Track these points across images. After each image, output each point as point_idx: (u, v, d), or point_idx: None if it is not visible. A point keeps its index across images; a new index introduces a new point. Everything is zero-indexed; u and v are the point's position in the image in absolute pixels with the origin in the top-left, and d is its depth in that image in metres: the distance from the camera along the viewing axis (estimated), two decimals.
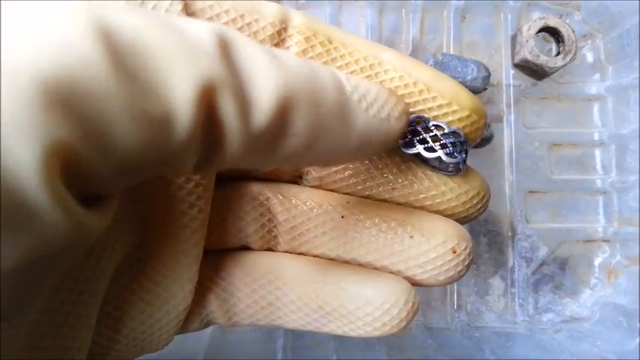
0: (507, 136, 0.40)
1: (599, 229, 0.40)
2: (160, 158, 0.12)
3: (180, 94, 0.12)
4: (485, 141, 0.40)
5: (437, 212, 0.21)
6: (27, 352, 0.15)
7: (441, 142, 0.20)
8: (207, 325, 0.22)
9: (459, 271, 0.20)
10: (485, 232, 0.40)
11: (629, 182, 0.39)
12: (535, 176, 0.41)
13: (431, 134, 0.20)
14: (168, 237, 0.19)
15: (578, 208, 0.41)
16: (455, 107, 0.20)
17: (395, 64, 0.20)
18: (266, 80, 0.14)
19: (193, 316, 0.21)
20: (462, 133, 0.20)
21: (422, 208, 0.21)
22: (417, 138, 0.20)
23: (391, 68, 0.20)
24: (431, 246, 0.20)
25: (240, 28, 0.18)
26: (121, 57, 0.11)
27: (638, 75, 0.38)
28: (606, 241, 0.40)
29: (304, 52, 0.19)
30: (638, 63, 0.38)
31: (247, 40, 0.14)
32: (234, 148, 0.14)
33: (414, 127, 0.20)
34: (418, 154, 0.20)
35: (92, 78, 0.11)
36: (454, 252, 0.20)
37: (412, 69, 0.20)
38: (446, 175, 0.21)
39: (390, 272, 0.21)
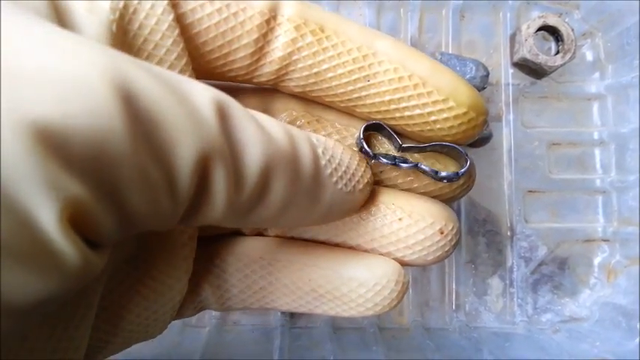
0: (506, 136, 0.40)
1: (599, 229, 0.40)
2: (154, 217, 0.13)
3: (182, 164, 0.13)
4: (484, 140, 0.40)
5: (424, 194, 0.22)
6: (23, 354, 0.15)
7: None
8: (200, 310, 0.23)
9: (447, 251, 0.21)
10: (483, 232, 0.40)
11: (628, 182, 0.39)
12: (534, 176, 0.40)
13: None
14: (164, 231, 0.19)
15: (577, 207, 0.41)
16: (451, 104, 0.19)
17: (390, 54, 0.19)
18: (255, 155, 0.14)
19: (187, 303, 0.22)
20: (462, 149, 0.21)
21: (410, 190, 0.22)
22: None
23: (386, 60, 0.19)
24: (419, 228, 0.20)
25: (225, 19, 0.18)
26: (140, 124, 0.12)
27: (637, 74, 0.38)
28: (606, 240, 0.40)
29: (293, 41, 0.19)
30: (637, 62, 0.38)
31: (243, 112, 0.14)
32: (216, 211, 0.14)
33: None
34: (417, 165, 0.21)
35: (114, 144, 0.11)
36: (442, 233, 0.20)
37: (409, 60, 0.19)
38: (442, 182, 0.22)
39: (380, 254, 0.21)
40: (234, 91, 0.21)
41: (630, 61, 0.39)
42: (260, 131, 0.15)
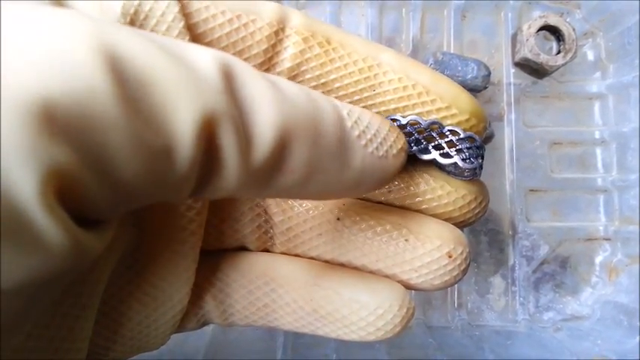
0: (508, 135, 0.40)
1: (600, 228, 0.40)
2: (158, 188, 0.12)
3: (182, 128, 0.12)
4: (486, 140, 0.40)
5: (434, 216, 0.21)
6: (25, 354, 0.15)
7: (457, 147, 0.19)
8: (203, 324, 0.22)
9: (455, 276, 0.20)
10: (486, 231, 0.40)
11: (629, 180, 0.39)
12: (536, 175, 0.41)
13: (446, 139, 0.19)
14: (166, 239, 0.19)
15: (578, 206, 0.41)
16: (454, 111, 0.19)
17: (394, 65, 0.19)
18: (267, 114, 0.14)
19: (190, 316, 0.21)
20: (477, 138, 0.20)
21: (418, 211, 0.21)
22: (432, 144, 0.20)
23: (390, 70, 0.19)
24: (426, 250, 0.20)
25: (236, 29, 0.18)
26: (127, 87, 0.11)
27: (638, 73, 0.38)
28: (607, 239, 0.40)
29: (302, 52, 0.19)
30: (638, 61, 0.38)
31: (250, 71, 0.14)
32: (230, 180, 0.14)
33: (429, 133, 0.20)
34: (434, 161, 0.20)
35: (97, 107, 0.11)
36: (450, 256, 0.20)
37: (411, 70, 0.19)
38: (460, 179, 0.20)
39: (385, 275, 0.20)
40: None
41: (631, 61, 0.39)
42: (272, 89, 0.14)
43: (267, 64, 0.19)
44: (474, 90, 0.39)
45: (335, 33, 0.20)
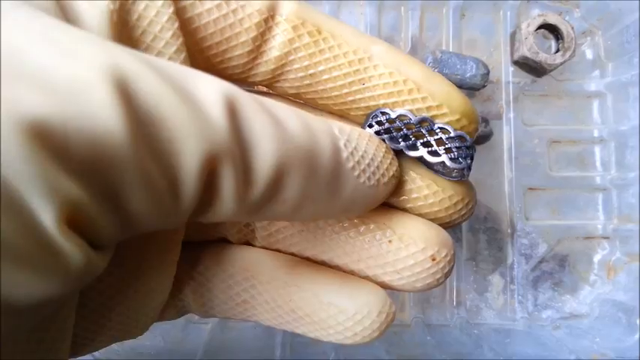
0: (507, 134, 0.40)
1: (599, 226, 0.40)
2: (160, 219, 0.13)
3: (187, 167, 0.12)
4: (485, 138, 0.40)
5: (419, 215, 0.20)
6: (18, 355, 0.15)
7: (446, 146, 0.19)
8: (183, 314, 0.22)
9: (438, 279, 0.20)
10: (484, 229, 0.40)
11: (628, 179, 0.39)
12: (534, 173, 0.41)
13: (435, 137, 0.19)
14: (150, 235, 0.19)
15: (577, 205, 0.41)
16: (445, 110, 0.19)
17: (386, 59, 0.19)
18: (266, 151, 0.14)
19: (170, 307, 0.21)
20: (468, 138, 0.19)
21: (403, 209, 0.20)
22: (421, 141, 0.19)
23: (381, 64, 0.19)
24: (409, 252, 0.19)
25: (224, 16, 0.18)
26: (140, 126, 0.11)
27: (637, 72, 0.38)
28: (606, 237, 0.40)
29: (290, 41, 0.19)
30: (637, 60, 0.38)
31: (253, 105, 0.14)
32: (225, 211, 0.14)
33: (419, 129, 0.19)
34: (421, 158, 0.19)
35: (112, 146, 0.11)
36: (433, 259, 0.19)
37: (403, 65, 0.19)
38: (447, 179, 0.20)
39: (366, 275, 0.20)
40: None
41: (630, 59, 0.39)
42: (273, 126, 0.14)
43: (254, 52, 0.19)
44: (472, 88, 0.39)
45: (326, 22, 0.19)
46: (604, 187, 0.41)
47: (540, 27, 0.39)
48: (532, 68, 0.41)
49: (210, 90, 0.13)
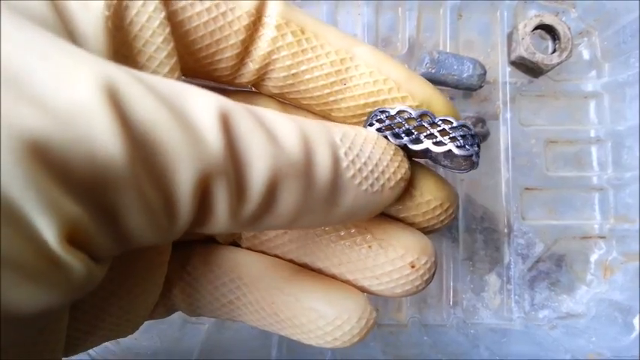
0: (503, 134, 0.40)
1: (596, 226, 0.41)
2: (155, 236, 0.13)
3: (182, 188, 0.13)
4: (482, 138, 0.40)
5: (397, 220, 0.20)
6: (11, 355, 0.15)
7: (450, 135, 0.19)
8: (172, 312, 0.23)
9: (417, 286, 0.20)
10: (481, 229, 0.40)
11: (625, 179, 0.39)
12: (531, 173, 0.41)
13: (438, 129, 0.19)
14: None
15: (574, 204, 0.41)
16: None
17: (367, 59, 0.19)
18: (260, 168, 0.14)
19: (159, 306, 0.22)
20: (471, 127, 0.19)
21: (386, 215, 0.20)
22: (424, 133, 0.19)
23: (362, 63, 0.19)
24: (388, 258, 0.19)
25: (214, 19, 0.18)
26: (137, 149, 0.12)
27: (633, 72, 0.38)
28: (602, 237, 0.40)
29: (274, 40, 0.19)
30: (633, 60, 0.38)
31: (248, 120, 0.14)
32: (218, 226, 0.14)
33: (420, 123, 0.19)
34: (427, 151, 0.19)
35: (113, 168, 0.11)
36: (412, 266, 0.19)
37: (384, 65, 0.19)
38: (458, 172, 0.20)
39: (347, 279, 0.20)
40: (218, 93, 0.21)
41: (626, 59, 0.39)
42: (268, 142, 0.14)
43: (243, 53, 0.19)
44: (469, 89, 0.39)
45: (311, 23, 0.19)
46: (601, 186, 0.41)
47: (537, 27, 0.39)
48: (529, 69, 0.41)
49: (205, 108, 0.13)
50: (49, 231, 0.11)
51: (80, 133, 0.11)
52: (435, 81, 0.39)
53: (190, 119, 0.13)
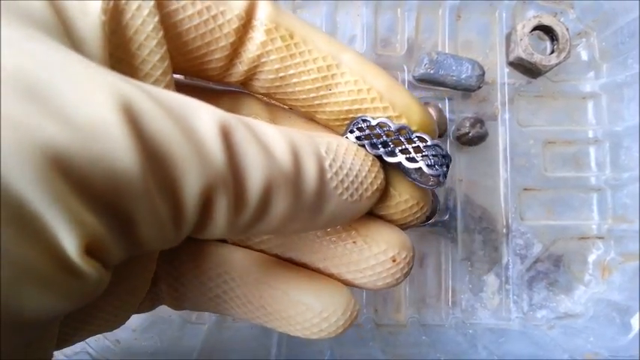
0: (502, 134, 0.41)
1: (594, 226, 0.41)
2: (161, 243, 0.14)
3: (188, 199, 0.14)
4: (480, 139, 0.40)
5: (376, 217, 0.21)
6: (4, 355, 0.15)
7: (423, 153, 0.20)
8: (156, 306, 0.23)
9: (397, 278, 0.21)
10: (479, 230, 0.40)
11: (623, 179, 0.39)
12: (530, 174, 0.41)
13: (413, 145, 0.20)
14: None
15: (572, 205, 0.41)
16: (403, 121, 0.20)
17: (353, 67, 0.20)
18: (257, 180, 0.15)
19: (145, 301, 0.22)
20: (444, 147, 0.20)
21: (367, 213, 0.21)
22: (399, 148, 0.20)
23: (348, 72, 0.20)
24: (372, 253, 0.20)
25: (205, 22, 0.18)
26: (151, 162, 0.12)
27: (631, 73, 0.38)
28: (600, 237, 0.41)
29: (263, 44, 0.19)
30: (631, 61, 0.38)
31: (246, 133, 0.15)
32: (215, 232, 0.15)
33: (397, 137, 0.20)
34: (399, 164, 0.20)
35: (130, 182, 0.12)
36: (394, 260, 0.20)
37: (369, 75, 0.20)
38: (425, 187, 0.21)
39: (330, 273, 0.21)
40: (206, 94, 0.22)
41: (624, 60, 0.39)
42: (263, 154, 0.15)
43: (232, 55, 0.19)
44: (468, 89, 0.39)
45: (300, 27, 0.20)
46: (599, 187, 0.41)
47: (535, 28, 0.40)
48: (527, 69, 0.41)
49: (208, 122, 0.14)
50: (70, 243, 0.11)
51: (100, 148, 0.11)
52: (433, 82, 0.39)
53: (196, 133, 0.14)
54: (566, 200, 0.41)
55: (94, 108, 0.12)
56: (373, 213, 0.21)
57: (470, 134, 0.39)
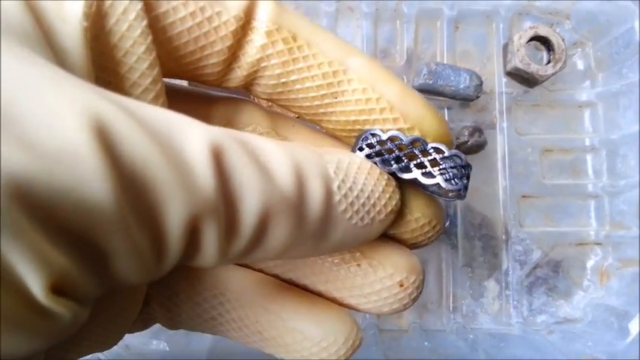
0: (500, 143, 0.41)
1: (591, 233, 0.41)
2: (144, 277, 0.13)
3: (171, 229, 0.12)
4: (479, 147, 0.41)
5: (385, 237, 0.20)
6: None
7: (440, 166, 0.18)
8: (149, 325, 0.22)
9: (405, 304, 0.19)
10: (479, 236, 0.41)
11: (619, 186, 0.40)
12: (528, 181, 0.42)
13: (429, 158, 0.18)
14: None
15: (570, 212, 0.42)
16: (416, 133, 0.19)
17: (361, 73, 0.18)
18: (252, 205, 0.13)
19: (137, 320, 0.21)
20: (463, 157, 0.19)
21: None
22: (414, 162, 0.18)
23: (356, 79, 0.18)
24: (377, 277, 0.19)
25: (199, 24, 0.17)
26: (127, 191, 0.11)
27: (627, 82, 0.39)
28: (598, 244, 0.41)
29: (263, 47, 0.18)
30: (626, 70, 0.39)
31: (240, 155, 0.13)
32: (206, 262, 0.14)
33: (411, 150, 0.18)
34: (415, 180, 0.18)
35: (102, 214, 0.11)
36: (401, 285, 0.19)
37: (379, 82, 0.18)
38: (445, 200, 0.19)
39: (332, 297, 0.20)
40: (201, 101, 0.21)
41: (619, 70, 0.40)
42: (261, 177, 0.14)
43: (230, 59, 0.18)
44: (466, 99, 0.40)
45: (303, 29, 0.18)
46: (596, 194, 0.41)
47: (532, 39, 0.40)
48: (524, 79, 0.42)
49: (197, 142, 0.13)
50: (34, 283, 0.10)
51: (69, 177, 0.10)
52: (432, 92, 0.40)
53: (181, 156, 0.12)
54: (564, 207, 0.42)
55: (62, 132, 0.10)
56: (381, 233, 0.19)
57: (469, 143, 0.40)
